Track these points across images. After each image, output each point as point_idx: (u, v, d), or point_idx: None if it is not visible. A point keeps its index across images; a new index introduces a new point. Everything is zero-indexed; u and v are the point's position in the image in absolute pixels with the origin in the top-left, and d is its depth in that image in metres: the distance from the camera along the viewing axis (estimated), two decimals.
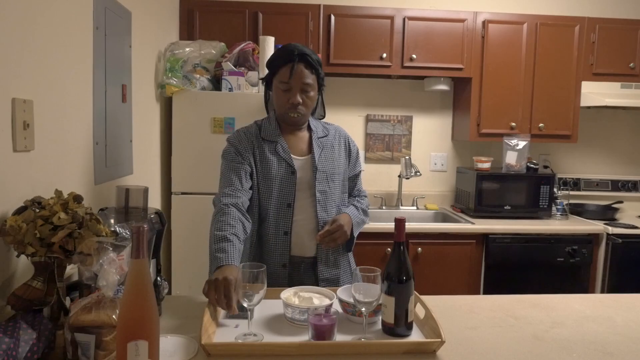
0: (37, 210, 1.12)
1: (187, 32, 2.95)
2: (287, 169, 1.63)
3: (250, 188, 1.61)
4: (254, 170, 1.63)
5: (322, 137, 1.73)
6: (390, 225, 2.77)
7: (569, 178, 3.49)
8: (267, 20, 2.96)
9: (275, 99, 1.65)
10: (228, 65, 2.61)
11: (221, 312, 1.35)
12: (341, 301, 1.33)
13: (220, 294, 1.24)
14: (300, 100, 1.59)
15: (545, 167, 3.46)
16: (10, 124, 1.18)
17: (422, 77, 3.31)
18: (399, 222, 1.23)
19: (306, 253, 1.67)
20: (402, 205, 3.40)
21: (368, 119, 3.41)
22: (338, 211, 1.72)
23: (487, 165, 3.15)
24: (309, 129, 1.73)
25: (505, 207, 3.09)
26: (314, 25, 2.97)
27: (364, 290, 1.18)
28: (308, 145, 1.69)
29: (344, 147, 1.77)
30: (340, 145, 1.76)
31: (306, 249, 1.67)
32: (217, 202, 1.55)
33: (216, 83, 2.67)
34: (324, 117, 1.82)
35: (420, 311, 1.31)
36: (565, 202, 3.18)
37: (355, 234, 1.70)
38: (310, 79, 1.59)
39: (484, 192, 3.08)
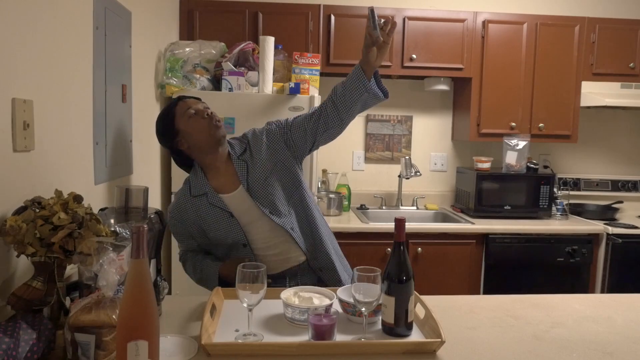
0: (37, 210, 1.12)
1: (187, 32, 2.95)
2: (224, 215, 1.60)
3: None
4: (202, 233, 1.66)
5: (243, 154, 1.66)
6: (390, 225, 2.77)
7: (569, 178, 3.49)
8: (267, 20, 2.96)
9: (193, 131, 1.58)
10: (228, 65, 2.61)
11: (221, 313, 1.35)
12: (341, 301, 1.33)
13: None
14: (210, 109, 1.60)
15: (545, 167, 3.46)
16: (10, 124, 1.18)
17: (422, 77, 3.31)
18: (399, 222, 1.23)
19: (293, 262, 1.65)
20: (402, 205, 3.40)
21: (368, 119, 3.41)
22: (299, 203, 1.67)
23: (487, 165, 3.15)
24: (229, 155, 1.66)
25: (505, 207, 3.09)
26: (314, 25, 2.97)
27: (364, 290, 1.17)
28: (235, 175, 1.63)
29: (265, 142, 1.67)
30: (262, 144, 1.67)
31: (290, 259, 1.65)
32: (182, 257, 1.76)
33: (216, 83, 2.67)
34: None
35: (420, 311, 1.31)
36: (565, 202, 3.18)
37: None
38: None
39: (484, 192, 3.08)
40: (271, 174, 1.63)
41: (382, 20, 1.49)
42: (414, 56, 3.03)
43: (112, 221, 1.32)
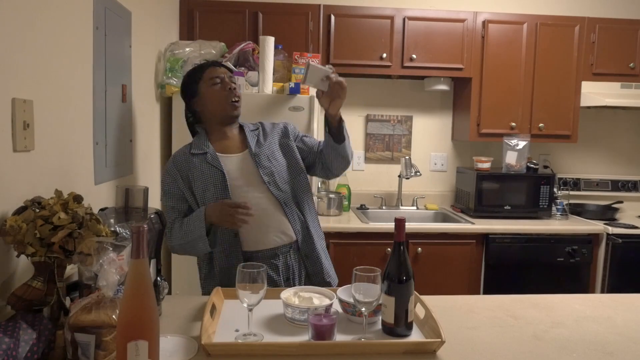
0: (37, 210, 1.12)
1: (187, 32, 2.95)
2: (218, 174, 1.62)
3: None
4: (192, 196, 1.65)
5: (255, 130, 1.75)
6: (390, 225, 2.76)
7: (569, 178, 3.49)
8: (267, 20, 2.96)
9: (211, 99, 1.66)
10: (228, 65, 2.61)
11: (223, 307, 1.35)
12: (341, 301, 1.33)
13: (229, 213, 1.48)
14: (235, 85, 1.67)
15: (545, 167, 3.46)
16: (10, 124, 1.18)
17: (422, 77, 3.31)
18: (399, 222, 1.23)
19: (284, 237, 1.64)
20: (402, 205, 3.40)
21: (368, 119, 3.41)
22: (294, 190, 1.68)
23: (487, 165, 3.15)
24: (241, 129, 1.75)
25: (505, 207, 3.09)
26: (314, 25, 2.97)
27: (364, 290, 1.18)
28: (242, 142, 1.71)
29: (281, 127, 1.77)
30: (278, 128, 1.77)
31: (280, 232, 1.64)
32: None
33: None
34: None
35: (420, 311, 1.31)
36: (565, 202, 3.18)
37: (344, 129, 1.72)
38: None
39: (484, 192, 3.08)
40: (278, 152, 1.70)
41: (327, 75, 1.55)
42: (414, 56, 3.03)
43: (112, 221, 1.31)
